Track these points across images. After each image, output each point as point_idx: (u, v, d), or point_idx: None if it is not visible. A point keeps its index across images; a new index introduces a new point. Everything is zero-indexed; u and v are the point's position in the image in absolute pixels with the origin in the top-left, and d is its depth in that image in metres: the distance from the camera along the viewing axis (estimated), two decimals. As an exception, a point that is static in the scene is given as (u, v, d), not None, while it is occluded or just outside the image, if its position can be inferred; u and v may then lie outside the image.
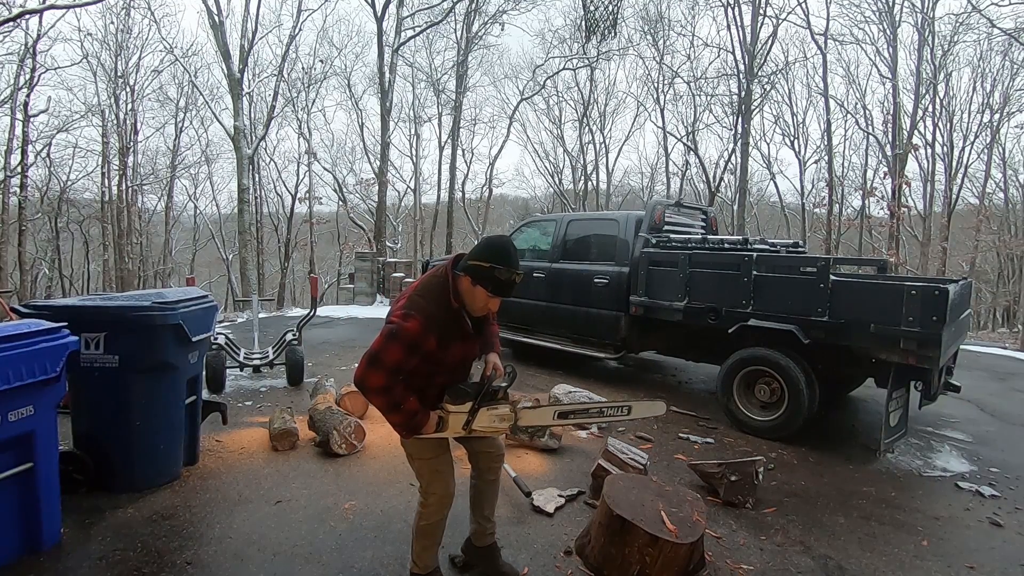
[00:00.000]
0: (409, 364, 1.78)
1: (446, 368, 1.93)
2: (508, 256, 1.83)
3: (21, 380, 2.20)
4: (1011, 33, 13.31)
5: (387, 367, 1.74)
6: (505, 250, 1.85)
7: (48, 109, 16.44)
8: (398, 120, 21.13)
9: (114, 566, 2.29)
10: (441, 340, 1.81)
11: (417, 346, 1.76)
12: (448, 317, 1.85)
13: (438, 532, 2.11)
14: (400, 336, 1.74)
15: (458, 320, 1.88)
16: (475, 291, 1.85)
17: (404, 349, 1.75)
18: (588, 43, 15.74)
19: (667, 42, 19.52)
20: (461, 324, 1.89)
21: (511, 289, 1.85)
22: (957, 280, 4.17)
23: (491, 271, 1.81)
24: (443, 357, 1.87)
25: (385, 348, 1.74)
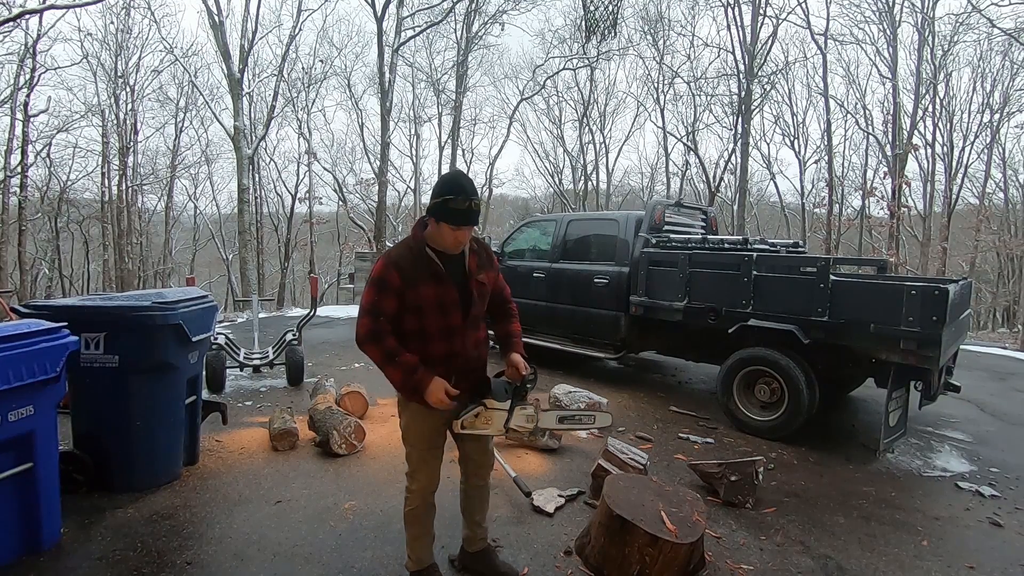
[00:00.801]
0: (385, 304, 1.83)
1: (426, 315, 1.87)
2: (459, 185, 1.83)
3: (21, 380, 2.20)
4: (1011, 33, 13.31)
5: (365, 309, 1.84)
6: (456, 181, 1.85)
7: (48, 109, 16.45)
8: (398, 120, 21.16)
9: (114, 566, 2.29)
10: (406, 277, 1.83)
11: (383, 281, 1.83)
12: (411, 255, 1.87)
13: (426, 521, 2.12)
14: (370, 278, 1.87)
15: (423, 259, 1.87)
16: (440, 228, 1.85)
17: (374, 288, 1.84)
18: (588, 43, 15.74)
19: (667, 42, 19.54)
20: (429, 264, 1.87)
21: (471, 216, 1.82)
22: (957, 280, 4.17)
23: (444, 204, 1.81)
24: (416, 298, 1.84)
25: (363, 295, 1.90)
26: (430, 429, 2.02)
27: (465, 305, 1.94)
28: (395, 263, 1.84)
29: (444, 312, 1.89)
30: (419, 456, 2.04)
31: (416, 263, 1.86)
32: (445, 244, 1.88)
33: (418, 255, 1.88)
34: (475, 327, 2.01)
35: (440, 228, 1.85)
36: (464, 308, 1.94)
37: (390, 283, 1.83)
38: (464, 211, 1.81)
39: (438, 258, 1.89)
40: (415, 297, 1.85)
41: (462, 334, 1.95)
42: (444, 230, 1.85)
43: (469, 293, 1.95)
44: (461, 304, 1.92)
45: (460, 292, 1.92)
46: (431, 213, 1.86)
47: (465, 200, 1.81)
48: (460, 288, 1.93)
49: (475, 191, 1.86)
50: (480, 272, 1.99)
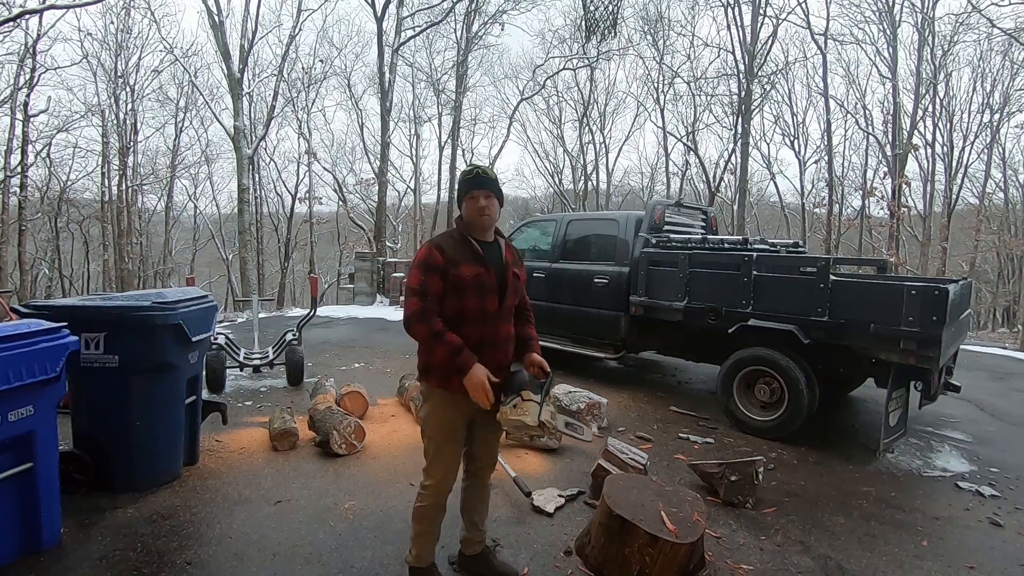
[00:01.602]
0: (432, 283, 1.91)
1: (466, 296, 1.94)
2: (467, 166, 2.08)
3: (21, 380, 2.20)
4: (1011, 33, 13.31)
5: (414, 289, 1.92)
6: (465, 166, 2.12)
7: (48, 109, 16.47)
8: (398, 120, 21.18)
9: (114, 566, 2.29)
10: (449, 257, 1.93)
11: (428, 262, 1.93)
12: (453, 240, 2.00)
13: (435, 520, 2.11)
14: (415, 263, 1.97)
15: (465, 242, 2.00)
16: (464, 207, 2.02)
17: (420, 270, 1.93)
18: (588, 43, 15.74)
19: (667, 42, 19.55)
20: (470, 246, 1.99)
21: (481, 180, 1.99)
22: (957, 280, 4.16)
23: (460, 184, 2.05)
24: (457, 278, 1.93)
25: (409, 278, 1.98)
26: (451, 419, 2.02)
27: (502, 291, 2.01)
28: (438, 245, 1.96)
29: (482, 294, 1.96)
30: (436, 448, 2.05)
31: (458, 246, 1.98)
32: (472, 219, 2.00)
33: (459, 239, 2.00)
34: (507, 319, 2.08)
35: (465, 207, 2.02)
36: (500, 294, 2.01)
37: (435, 263, 1.92)
38: (473, 177, 1.99)
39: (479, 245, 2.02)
40: (456, 276, 1.92)
41: (495, 322, 2.00)
42: (467, 206, 2.00)
43: (505, 280, 2.04)
44: (498, 289, 2.00)
45: (498, 278, 2.01)
46: (458, 202, 2.06)
47: (472, 170, 2.01)
48: (497, 274, 2.02)
49: (484, 167, 2.04)
50: (515, 265, 2.12)
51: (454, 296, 1.93)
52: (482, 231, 2.04)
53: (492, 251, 2.05)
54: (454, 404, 1.98)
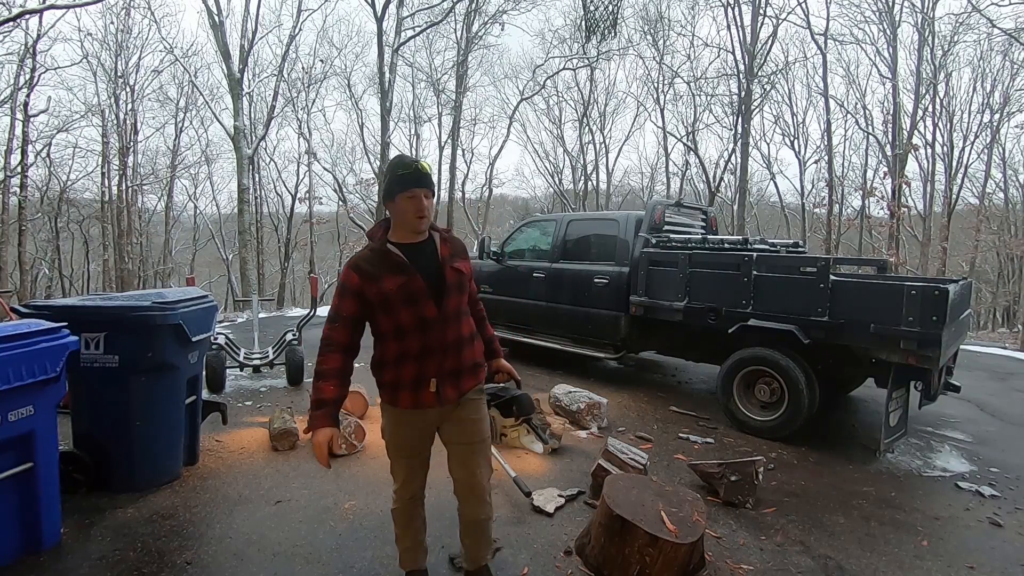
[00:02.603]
0: (344, 306, 1.81)
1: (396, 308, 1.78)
2: (400, 157, 1.84)
3: (21, 380, 2.20)
4: (1011, 33, 13.31)
5: (328, 315, 1.86)
6: (396, 157, 1.86)
7: (48, 109, 16.43)
8: (398, 120, 21.16)
9: (114, 566, 2.29)
10: (366, 274, 1.78)
11: (343, 285, 1.81)
12: (372, 254, 1.83)
13: (409, 524, 2.03)
14: (339, 282, 1.87)
15: (383, 253, 1.81)
16: (397, 206, 1.80)
17: (337, 293, 1.84)
18: (588, 43, 15.74)
19: (667, 42, 19.54)
20: (389, 256, 1.80)
21: (420, 177, 1.78)
22: (957, 280, 4.17)
23: (392, 178, 1.80)
24: (379, 293, 1.77)
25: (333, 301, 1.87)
26: (404, 435, 1.93)
27: (436, 294, 1.82)
28: (354, 265, 1.81)
29: (414, 302, 1.79)
30: (394, 460, 2.01)
31: (377, 259, 1.81)
32: (408, 220, 1.81)
33: (378, 251, 1.82)
34: (454, 320, 1.87)
35: (398, 205, 1.80)
36: (436, 297, 1.81)
37: (351, 285, 1.80)
38: (411, 173, 1.78)
39: (401, 251, 1.81)
40: (379, 292, 1.77)
41: (440, 328, 1.82)
42: (401, 204, 1.79)
43: (442, 280, 1.84)
44: (431, 293, 1.81)
45: (428, 281, 1.81)
46: (386, 198, 1.83)
47: (410, 164, 1.79)
48: (429, 277, 1.82)
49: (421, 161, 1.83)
50: (454, 259, 1.90)
51: (385, 312, 1.80)
52: (415, 233, 1.84)
53: (423, 252, 1.85)
54: (405, 421, 1.90)
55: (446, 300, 1.84)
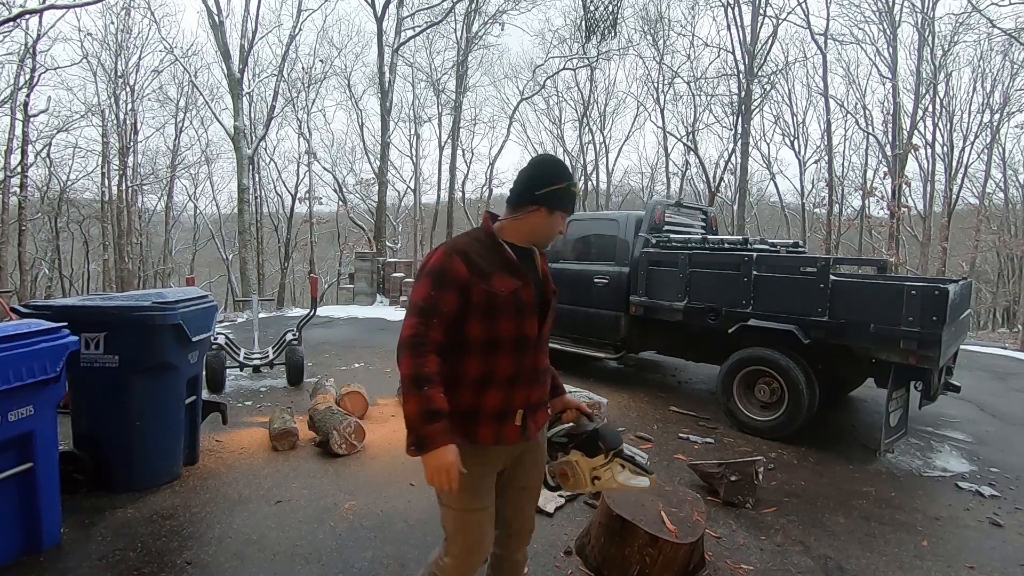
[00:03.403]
0: (444, 301, 1.42)
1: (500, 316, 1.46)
2: (567, 172, 1.60)
3: (21, 380, 2.20)
4: (1011, 33, 13.31)
5: (416, 307, 1.43)
6: (562, 166, 1.60)
7: (48, 109, 16.45)
8: (398, 120, 21.17)
9: (114, 566, 2.29)
10: (475, 266, 1.45)
11: (443, 273, 1.43)
12: (480, 245, 1.51)
13: None
14: (425, 270, 1.46)
15: (495, 247, 1.52)
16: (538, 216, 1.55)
17: (430, 281, 1.44)
18: (588, 43, 15.74)
19: (667, 42, 19.55)
20: (500, 251, 1.52)
21: (574, 202, 1.59)
22: (957, 280, 4.17)
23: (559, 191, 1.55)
24: (487, 293, 1.44)
25: (414, 290, 1.47)
26: (478, 478, 1.48)
27: (543, 310, 1.57)
28: (460, 250, 1.46)
29: (520, 313, 1.49)
30: (458, 519, 1.51)
31: (487, 251, 1.51)
32: (539, 235, 1.57)
33: (487, 244, 1.52)
34: (545, 346, 1.62)
35: (539, 217, 1.54)
36: (541, 314, 1.57)
37: (453, 274, 1.43)
38: (570, 195, 1.57)
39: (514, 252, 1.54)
40: (486, 291, 1.45)
41: (534, 351, 1.53)
42: (543, 218, 1.55)
43: (547, 298, 1.61)
44: (539, 307, 1.55)
45: (538, 294, 1.56)
46: (526, 202, 1.54)
47: (570, 184, 1.57)
48: (538, 290, 1.57)
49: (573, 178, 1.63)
50: (550, 279, 1.67)
51: (484, 318, 1.45)
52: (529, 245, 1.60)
53: (529, 260, 1.59)
54: (483, 460, 1.49)
55: (547, 321, 1.60)
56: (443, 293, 1.42)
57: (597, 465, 1.54)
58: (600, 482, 1.54)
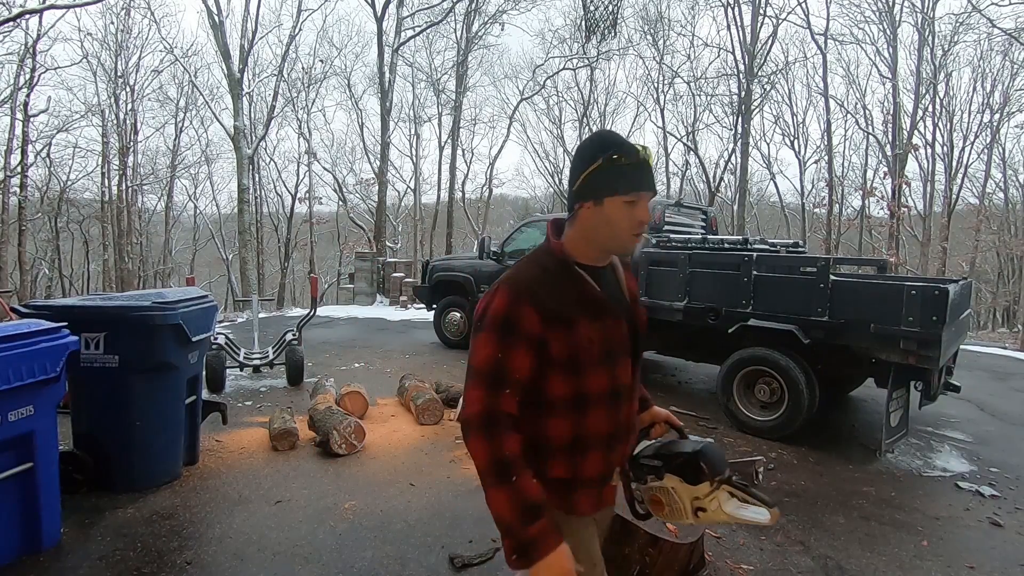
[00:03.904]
0: (515, 363, 1.09)
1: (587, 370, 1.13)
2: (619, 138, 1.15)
3: (21, 380, 2.20)
4: (1011, 33, 13.32)
5: (480, 373, 1.10)
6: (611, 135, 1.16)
7: (48, 109, 16.48)
8: (398, 120, 21.16)
9: (114, 566, 2.29)
10: (549, 311, 1.10)
11: (509, 324, 1.09)
12: (551, 277, 1.14)
13: None
14: (485, 322, 1.12)
15: (570, 276, 1.15)
16: (605, 211, 1.12)
17: (495, 336, 1.09)
18: (588, 43, 15.75)
19: (667, 42, 19.58)
20: (579, 282, 1.16)
21: (648, 174, 1.13)
22: (957, 280, 4.17)
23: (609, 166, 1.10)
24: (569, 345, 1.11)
25: (473, 349, 1.12)
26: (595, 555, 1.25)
27: (636, 347, 1.25)
28: (527, 291, 1.10)
29: (612, 361, 1.17)
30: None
31: (562, 285, 1.14)
32: (617, 237, 1.15)
33: (562, 274, 1.15)
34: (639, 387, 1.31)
35: (606, 212, 1.12)
36: (635, 352, 1.24)
37: (523, 327, 1.09)
38: (637, 165, 1.11)
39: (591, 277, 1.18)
40: (570, 342, 1.11)
41: (629, 399, 1.23)
42: (613, 210, 1.12)
43: (635, 328, 1.25)
44: (632, 346, 1.23)
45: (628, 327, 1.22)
46: (586, 195, 1.14)
47: (633, 150, 1.11)
48: (628, 322, 1.23)
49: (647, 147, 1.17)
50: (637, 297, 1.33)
51: (568, 373, 1.13)
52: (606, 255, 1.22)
53: (609, 282, 1.23)
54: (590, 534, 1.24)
55: (640, 356, 1.28)
56: (513, 353, 1.09)
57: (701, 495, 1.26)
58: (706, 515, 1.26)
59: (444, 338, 7.30)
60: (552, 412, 1.15)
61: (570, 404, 1.15)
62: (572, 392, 1.14)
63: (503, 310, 1.10)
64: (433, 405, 4.23)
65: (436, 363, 6.20)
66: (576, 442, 1.16)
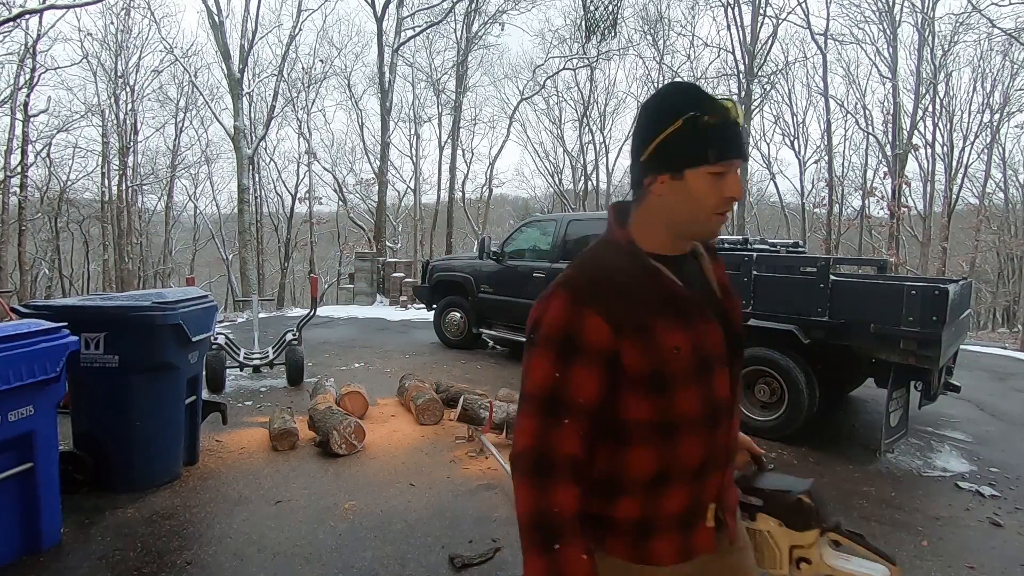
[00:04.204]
0: (580, 386, 0.84)
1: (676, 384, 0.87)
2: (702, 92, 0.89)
3: (21, 380, 2.20)
4: (1011, 33, 13.33)
5: (535, 398, 0.86)
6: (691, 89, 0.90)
7: (48, 109, 16.49)
8: (398, 120, 21.16)
9: (114, 566, 2.29)
10: (619, 317, 0.85)
11: (572, 340, 0.84)
12: (622, 274, 0.89)
13: None
14: (539, 335, 0.87)
15: (647, 273, 0.90)
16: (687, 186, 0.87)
17: (553, 352, 0.85)
18: (588, 43, 15.75)
19: (667, 42, 19.59)
20: (658, 280, 0.90)
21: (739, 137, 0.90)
22: (957, 280, 4.17)
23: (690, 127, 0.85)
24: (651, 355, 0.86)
25: (526, 369, 0.89)
26: None
27: (732, 352, 0.96)
28: (592, 294, 0.86)
29: (707, 373, 0.91)
30: None
31: (633, 285, 0.88)
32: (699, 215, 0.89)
33: (632, 270, 0.90)
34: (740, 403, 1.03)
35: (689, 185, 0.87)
36: (731, 357, 0.96)
37: (588, 338, 0.84)
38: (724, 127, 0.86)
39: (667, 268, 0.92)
40: (647, 355, 0.86)
41: (727, 417, 0.96)
42: (698, 183, 0.86)
43: (731, 329, 0.97)
44: (730, 352, 0.95)
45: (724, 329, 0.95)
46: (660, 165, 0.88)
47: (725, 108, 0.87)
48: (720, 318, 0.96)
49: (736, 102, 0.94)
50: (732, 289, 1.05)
51: (650, 392, 0.87)
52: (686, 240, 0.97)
53: (693, 274, 0.97)
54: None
55: (738, 360, 1.00)
56: (575, 373, 0.84)
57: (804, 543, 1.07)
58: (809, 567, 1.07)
59: (444, 338, 7.30)
60: (631, 441, 0.89)
61: (654, 430, 0.88)
62: (656, 415, 0.88)
63: (561, 319, 0.86)
64: (433, 405, 4.23)
65: (436, 363, 6.21)
66: (659, 476, 0.90)
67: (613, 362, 0.85)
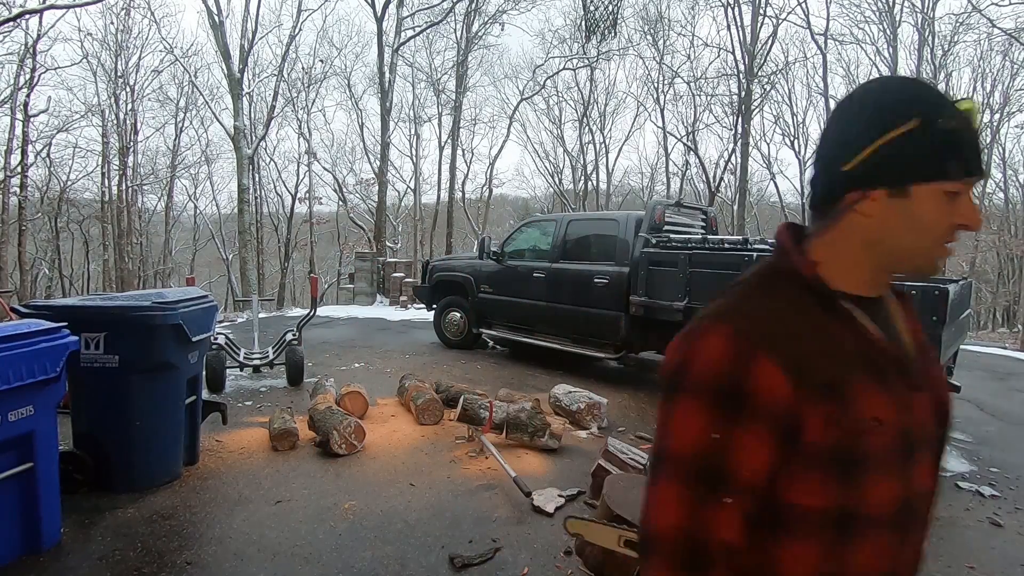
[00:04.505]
0: (745, 454, 0.62)
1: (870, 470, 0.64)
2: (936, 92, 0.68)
3: (21, 380, 2.20)
4: (1011, 33, 13.32)
5: (682, 463, 0.65)
6: (922, 86, 0.68)
7: (48, 109, 16.47)
8: (398, 120, 21.17)
9: (114, 566, 2.29)
10: (804, 373, 0.63)
11: (739, 393, 0.62)
12: (805, 317, 0.68)
13: None
14: (688, 380, 0.66)
15: (838, 318, 0.69)
16: (912, 207, 0.65)
17: (711, 406, 0.63)
18: (588, 43, 15.75)
19: (667, 42, 19.58)
20: (853, 329, 0.69)
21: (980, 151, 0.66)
22: (957, 280, 4.17)
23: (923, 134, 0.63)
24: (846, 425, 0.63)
25: (667, 424, 0.67)
26: None
27: (942, 433, 0.76)
28: (765, 335, 0.64)
29: (908, 456, 0.67)
30: None
31: (820, 330, 0.67)
32: (925, 248, 0.68)
33: (816, 310, 0.69)
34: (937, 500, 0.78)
35: (910, 206, 0.65)
36: (939, 440, 0.75)
37: (760, 394, 0.62)
38: (976, 132, 0.65)
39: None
40: (836, 425, 0.63)
41: (925, 518, 0.73)
42: (928, 205, 0.65)
43: (940, 399, 0.76)
44: (939, 434, 0.75)
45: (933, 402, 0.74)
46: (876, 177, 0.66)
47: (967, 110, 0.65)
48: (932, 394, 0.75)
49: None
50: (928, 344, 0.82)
51: (831, 474, 0.63)
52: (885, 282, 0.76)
53: (886, 325, 0.73)
54: None
55: (945, 453, 0.79)
56: (740, 435, 0.62)
57: None
58: None
59: (444, 338, 7.30)
60: (791, 532, 0.65)
61: (828, 524, 0.65)
62: (834, 504, 0.64)
63: (723, 362, 0.63)
64: (433, 405, 4.23)
65: (436, 363, 6.21)
66: None
67: (791, 428, 0.62)
